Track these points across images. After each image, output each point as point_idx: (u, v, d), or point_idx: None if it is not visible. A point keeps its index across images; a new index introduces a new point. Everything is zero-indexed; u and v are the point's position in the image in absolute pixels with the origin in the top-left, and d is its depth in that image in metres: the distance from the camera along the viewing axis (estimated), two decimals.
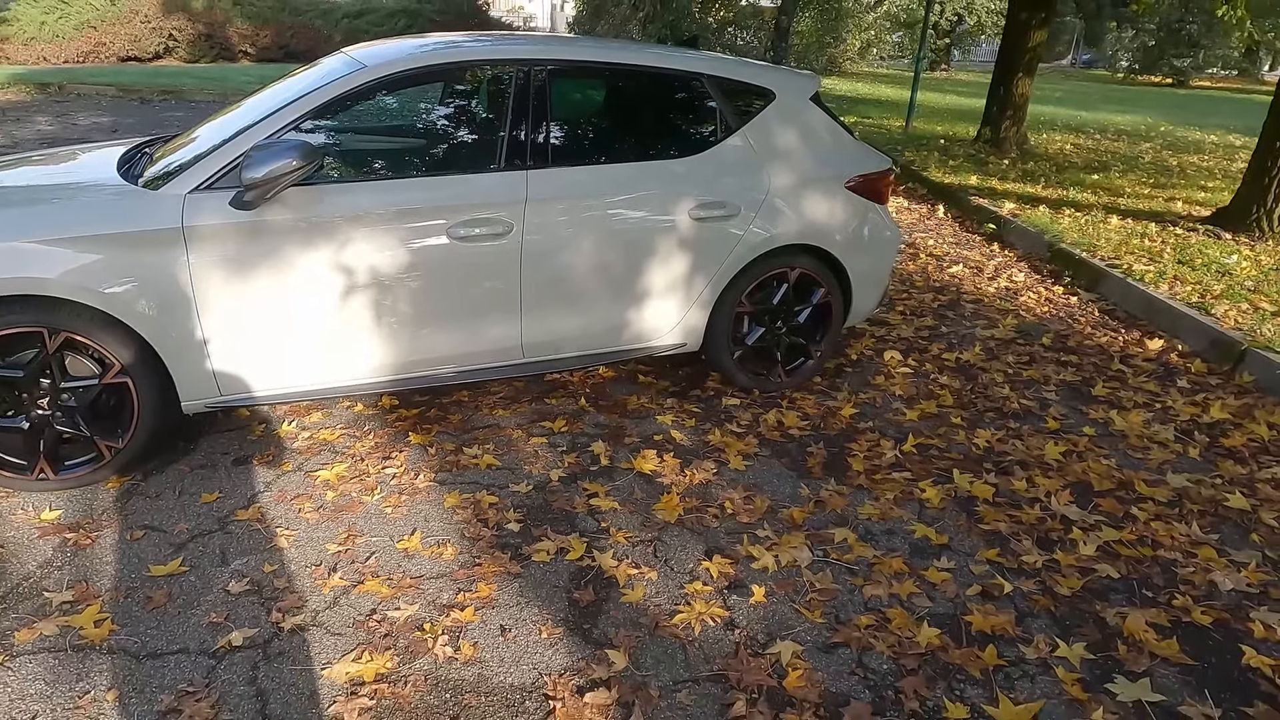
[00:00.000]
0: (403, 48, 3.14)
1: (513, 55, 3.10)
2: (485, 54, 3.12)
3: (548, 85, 3.10)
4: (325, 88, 2.84)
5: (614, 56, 3.30)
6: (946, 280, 5.48)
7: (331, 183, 2.81)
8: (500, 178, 2.99)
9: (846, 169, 3.55)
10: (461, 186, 2.96)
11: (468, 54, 3.10)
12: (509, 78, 3.05)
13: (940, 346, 4.30)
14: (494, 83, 3.15)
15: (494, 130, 3.06)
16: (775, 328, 3.60)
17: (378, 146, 2.97)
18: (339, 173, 2.83)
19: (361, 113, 2.91)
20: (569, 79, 3.22)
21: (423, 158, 3.00)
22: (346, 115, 2.87)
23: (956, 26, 29.05)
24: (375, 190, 2.86)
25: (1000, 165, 9.02)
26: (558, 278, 3.11)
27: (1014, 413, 3.58)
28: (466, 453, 3.07)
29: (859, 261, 3.62)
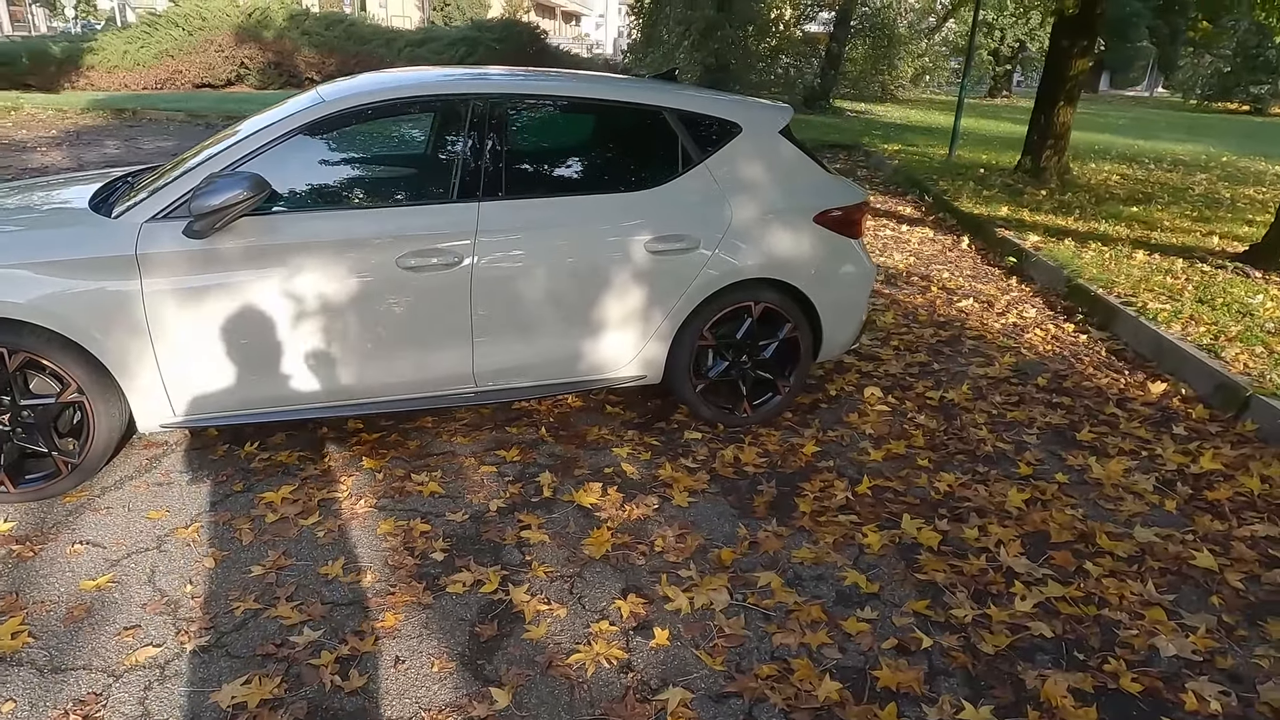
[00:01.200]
0: (363, 82, 3.24)
1: (467, 90, 3.15)
2: (440, 88, 3.19)
3: (503, 118, 3.15)
4: (281, 121, 2.95)
5: (571, 90, 3.34)
6: (952, 315, 5.33)
7: (283, 212, 2.90)
8: (451, 209, 3.04)
9: (815, 202, 3.50)
10: (411, 217, 3.02)
11: (422, 89, 3.17)
12: (464, 111, 3.11)
13: (926, 384, 4.18)
14: (449, 116, 3.22)
15: (447, 162, 3.12)
16: (740, 362, 3.56)
17: (332, 178, 3.05)
18: (292, 203, 2.92)
19: (318, 145, 3.00)
20: (524, 112, 3.27)
21: (376, 189, 3.08)
22: (302, 147, 2.96)
23: (1019, 52, 28.45)
24: (325, 220, 2.94)
25: (1036, 196, 8.77)
26: (509, 308, 3.13)
27: (986, 456, 3.45)
28: (414, 479, 3.10)
29: (828, 296, 3.56)
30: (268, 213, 2.86)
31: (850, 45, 21.79)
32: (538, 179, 3.30)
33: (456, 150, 3.10)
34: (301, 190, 2.95)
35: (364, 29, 21.98)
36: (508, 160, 3.15)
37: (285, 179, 2.91)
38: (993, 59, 27.80)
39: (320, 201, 2.98)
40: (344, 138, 3.06)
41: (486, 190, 3.08)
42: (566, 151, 3.47)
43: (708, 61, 16.82)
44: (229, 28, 19.82)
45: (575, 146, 3.49)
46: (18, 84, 17.16)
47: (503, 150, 3.13)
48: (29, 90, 16.83)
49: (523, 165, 3.24)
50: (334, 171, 3.07)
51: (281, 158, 2.92)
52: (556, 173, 3.37)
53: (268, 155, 2.89)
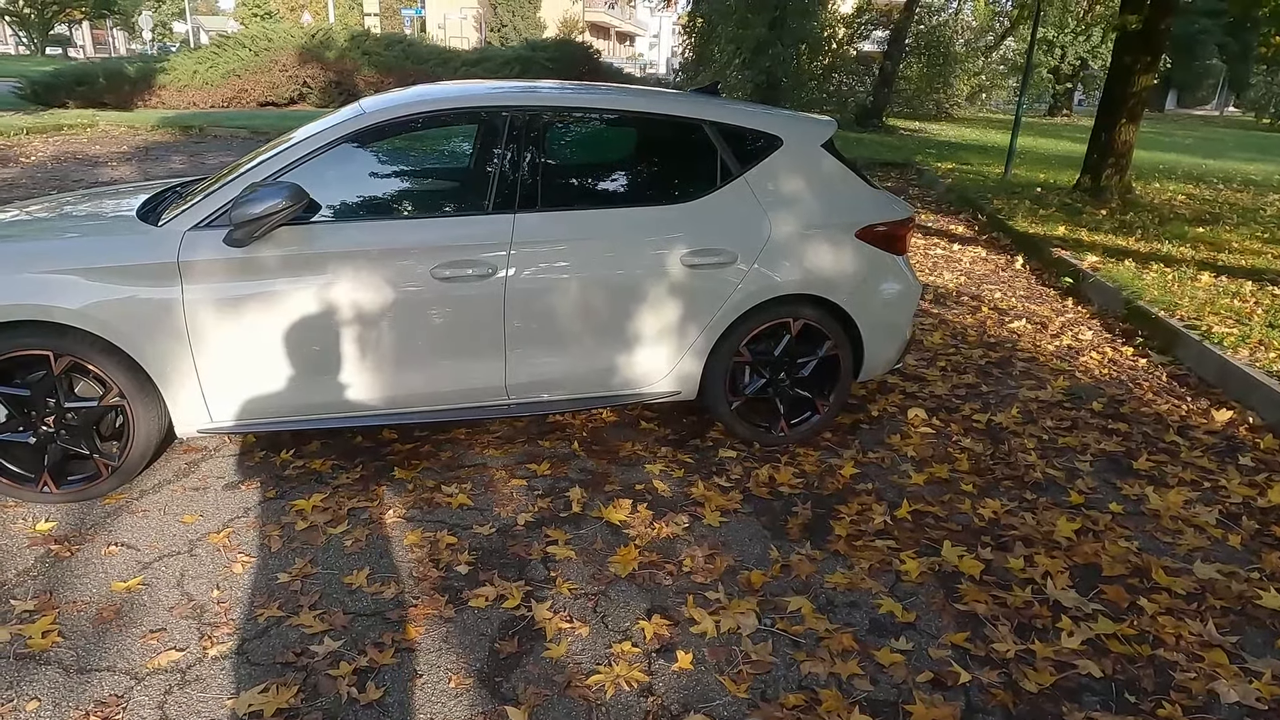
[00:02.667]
0: (404, 95, 3.27)
1: (504, 102, 3.16)
2: (477, 101, 3.20)
3: (540, 130, 3.14)
4: (323, 133, 2.98)
5: (610, 103, 3.32)
6: (1003, 336, 5.16)
7: (321, 222, 2.93)
8: (487, 220, 3.04)
9: (858, 217, 3.42)
10: (447, 228, 3.02)
11: (460, 101, 3.18)
12: (501, 123, 3.11)
13: (973, 406, 4.03)
14: (486, 128, 3.23)
15: (484, 174, 3.12)
16: (777, 379, 3.47)
17: (370, 188, 3.08)
18: (330, 213, 2.94)
19: (357, 156, 3.03)
20: (562, 124, 3.26)
21: (413, 200, 3.10)
22: (342, 158, 2.99)
23: (1080, 70, 27.80)
24: (362, 230, 2.96)
25: (1095, 216, 8.49)
26: (543, 321, 3.11)
27: (1034, 483, 3.30)
28: (444, 491, 3.09)
29: (870, 314, 3.46)
30: (306, 222, 2.89)
31: (905, 63, 21.55)
32: (574, 191, 3.28)
33: (493, 162, 3.10)
34: (340, 200, 2.98)
35: (422, 49, 22.48)
36: (544, 172, 3.14)
37: (325, 189, 2.94)
38: (1053, 77, 27.19)
39: (357, 211, 3.01)
40: (383, 149, 3.09)
41: (523, 202, 3.07)
42: (604, 164, 3.45)
43: (758, 80, 16.78)
44: (293, 48, 20.44)
45: (613, 159, 3.47)
46: (95, 102, 17.93)
47: (540, 162, 3.12)
48: (105, 108, 17.58)
49: (559, 177, 3.23)
50: (372, 182, 3.10)
51: (322, 168, 2.95)
52: (593, 185, 3.36)
53: (308, 166, 2.93)
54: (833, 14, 21.13)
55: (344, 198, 3.00)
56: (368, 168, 3.08)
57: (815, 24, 18.53)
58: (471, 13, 49.76)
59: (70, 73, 18.62)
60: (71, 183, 9.29)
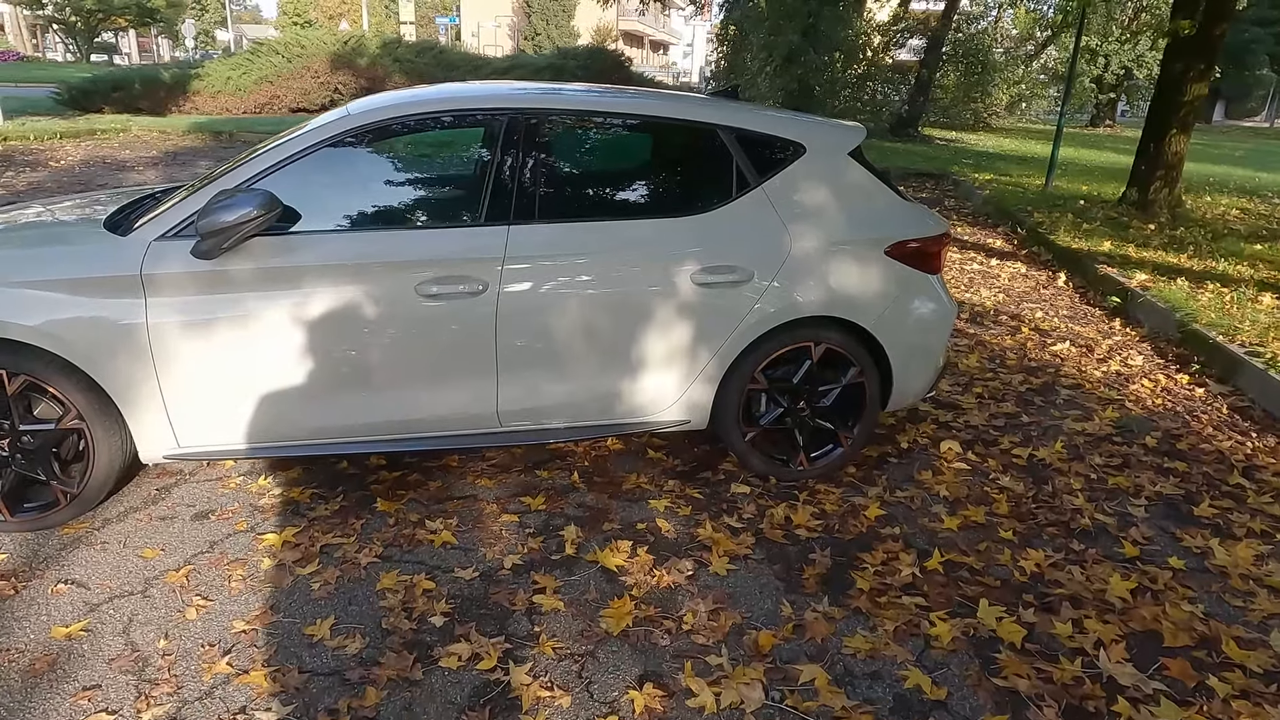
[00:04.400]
0: (393, 97, 3.04)
1: (499, 104, 2.91)
2: (469, 103, 2.95)
3: (538, 135, 2.89)
4: (301, 136, 2.76)
5: (616, 105, 3.06)
6: (1045, 360, 4.80)
7: (298, 233, 2.70)
8: (477, 232, 2.79)
9: (887, 232, 3.11)
10: (433, 241, 2.77)
11: (450, 103, 2.93)
12: (496, 127, 2.86)
13: (1013, 439, 3.69)
14: (481, 132, 2.98)
15: (477, 182, 2.87)
16: (796, 409, 3.17)
17: (351, 197, 2.84)
18: (307, 223, 2.71)
19: (338, 162, 2.79)
20: (562, 129, 3.00)
21: (397, 209, 2.85)
22: (322, 164, 2.75)
23: (1125, 80, 27.05)
24: (341, 242, 2.72)
25: (1143, 231, 8.05)
26: (538, 342, 2.85)
27: (1083, 530, 2.96)
28: (427, 526, 2.83)
29: (900, 338, 3.15)
30: (282, 233, 2.67)
31: (942, 71, 21.07)
32: (575, 202, 3.02)
33: (487, 169, 2.85)
34: (319, 210, 2.74)
35: (453, 56, 22.48)
36: (543, 181, 2.88)
37: (303, 197, 2.71)
38: (1095, 86, 26.48)
39: (337, 222, 2.77)
40: (366, 155, 2.85)
41: (518, 213, 2.82)
42: (608, 172, 3.18)
43: (790, 88, 16.45)
44: (325, 55, 20.53)
45: (618, 167, 3.20)
46: (131, 108, 18.13)
47: (537, 170, 2.87)
48: (140, 113, 17.77)
49: (559, 187, 2.97)
50: (354, 190, 2.86)
51: (300, 175, 2.72)
52: (596, 195, 3.09)
53: (285, 172, 2.70)
54: (868, 22, 20.75)
55: (323, 207, 2.76)
56: (350, 175, 2.84)
57: (850, 32, 18.15)
58: (506, 21, 50.04)
59: (107, 78, 18.85)
60: (95, 186, 9.26)
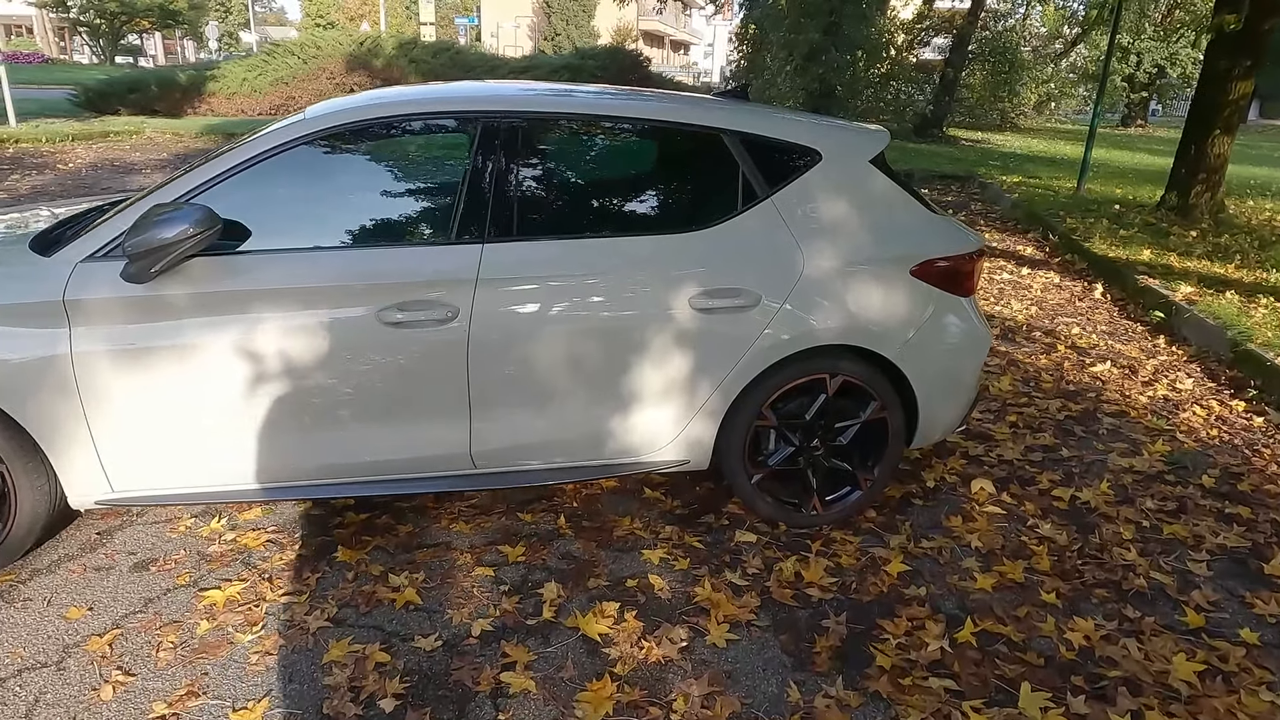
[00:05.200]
0: (358, 99, 2.73)
1: (475, 107, 2.59)
2: (441, 105, 2.64)
3: (517, 141, 2.56)
4: (249, 144, 2.45)
5: (607, 108, 2.73)
6: (1085, 383, 4.41)
7: (244, 253, 2.39)
8: (447, 252, 2.47)
9: (914, 249, 2.76)
10: (398, 261, 2.46)
11: (419, 105, 2.62)
12: (471, 132, 2.55)
13: (1052, 478, 3.32)
14: (452, 138, 2.66)
15: (447, 195, 2.54)
16: (809, 448, 2.83)
17: (305, 212, 2.52)
18: (255, 241, 2.40)
19: (292, 172, 2.48)
20: (546, 134, 2.67)
21: (357, 226, 2.53)
22: (272, 176, 2.45)
23: (1157, 79, 26.33)
24: (294, 263, 2.41)
25: (1185, 238, 7.60)
26: (517, 375, 2.53)
27: (1137, 592, 2.59)
28: (390, 581, 2.51)
29: (927, 369, 2.80)
30: (225, 253, 2.36)
31: (968, 71, 20.55)
32: (557, 216, 2.68)
33: (459, 179, 2.52)
34: (267, 226, 2.43)
35: (469, 57, 22.26)
36: (521, 192, 2.56)
37: (250, 213, 2.41)
38: (1127, 85, 25.77)
39: (288, 240, 2.45)
40: (322, 164, 2.54)
41: (493, 229, 2.50)
42: (596, 183, 2.83)
43: (811, 87, 16.04)
44: (341, 56, 20.40)
45: (607, 177, 2.85)
46: (147, 109, 18.07)
47: (515, 180, 2.55)
48: (155, 115, 17.70)
49: (540, 199, 2.64)
50: (307, 205, 2.55)
51: (247, 187, 2.42)
52: (581, 209, 2.75)
53: (231, 184, 2.40)
54: (891, 20, 20.28)
55: (273, 224, 2.45)
56: (303, 187, 2.53)
57: (873, 30, 17.70)
58: (526, 21, 49.89)
59: (124, 80, 18.81)
60: (99, 190, 9.07)
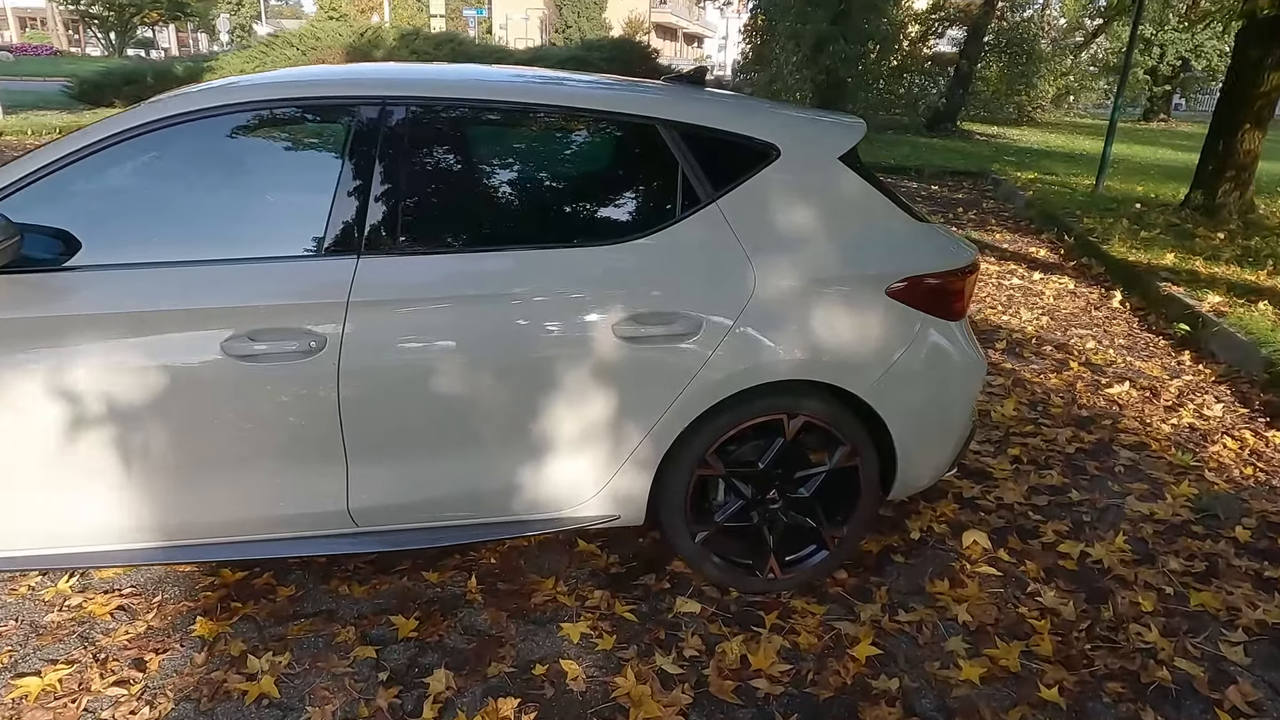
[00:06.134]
0: (218, 82, 2.28)
1: (357, 91, 2.15)
2: (318, 88, 2.18)
3: (405, 133, 2.11)
4: (75, 136, 2.01)
5: (518, 93, 2.27)
6: (1100, 407, 3.92)
7: (58, 271, 1.96)
8: (312, 268, 2.04)
9: (892, 265, 2.29)
10: (250, 280, 2.01)
11: (281, 90, 2.17)
12: (347, 123, 2.10)
13: (1059, 528, 2.84)
14: (323, 130, 2.21)
15: (316, 198, 2.08)
16: (765, 501, 2.37)
17: (136, 219, 2.08)
18: (77, 257, 1.97)
19: (127, 171, 2.04)
20: (440, 125, 2.20)
21: (204, 237, 2.07)
22: (100, 174, 2.01)
23: (1181, 71, 25.54)
24: (121, 282, 1.97)
25: (1211, 240, 7.06)
26: (402, 418, 2.09)
27: (1159, 687, 2.12)
28: (250, 665, 2.08)
29: (908, 408, 2.33)
30: (32, 270, 1.93)
31: (983, 62, 19.90)
32: (452, 224, 2.19)
33: (330, 180, 2.07)
34: (89, 237, 1.99)
35: (472, 48, 21.84)
36: (408, 195, 2.11)
37: (70, 221, 1.97)
38: (1149, 78, 25.01)
39: (116, 255, 2.00)
40: (167, 161, 2.09)
41: (372, 240, 2.05)
42: (501, 184, 2.33)
43: (818, 79, 15.49)
44: (341, 47, 20.02)
45: (516, 177, 2.35)
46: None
47: (402, 180, 2.10)
48: None
49: (431, 203, 2.18)
50: (142, 211, 2.10)
51: (69, 189, 1.99)
52: (482, 216, 2.26)
53: (47, 183, 1.96)
54: (905, 10, 19.66)
55: (99, 234, 2.01)
56: (138, 190, 2.09)
57: (884, 20, 17.12)
58: (536, 14, 49.42)
59: (119, 72, 18.49)
60: None
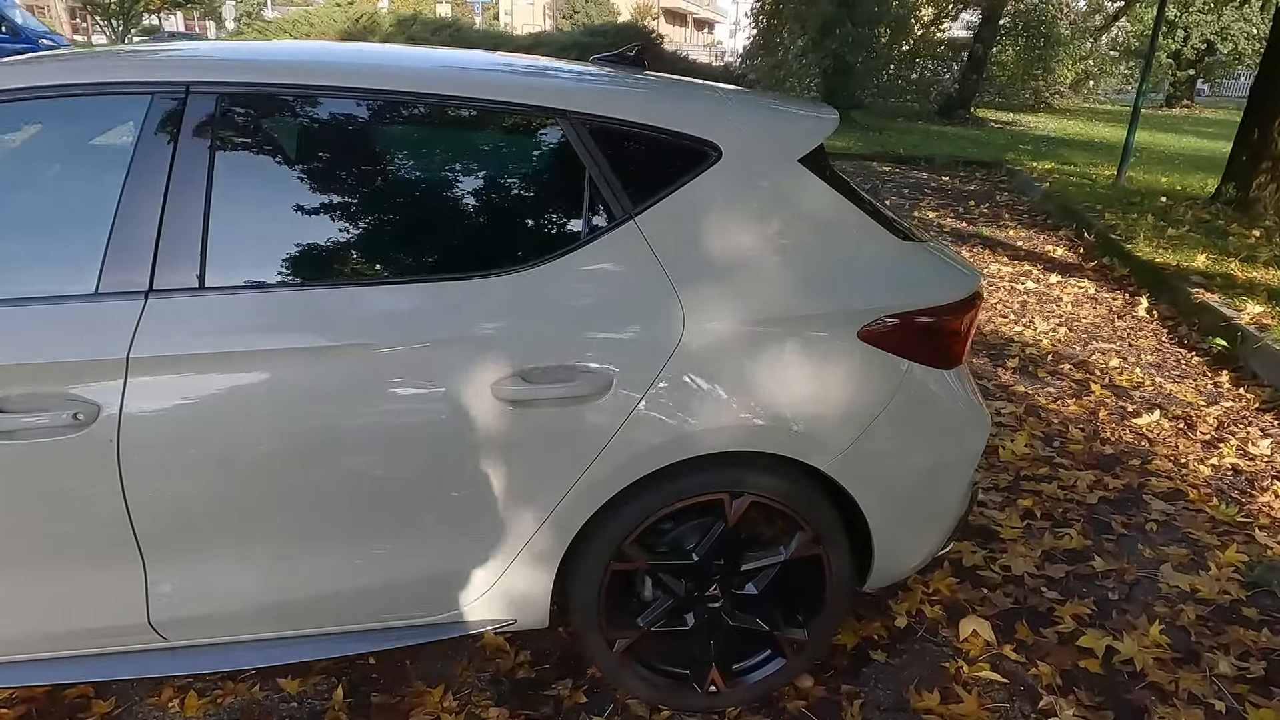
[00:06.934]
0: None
1: (145, 75, 1.63)
2: (92, 72, 1.66)
3: (215, 132, 1.60)
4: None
5: (366, 77, 1.73)
6: (1126, 442, 3.37)
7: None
8: (80, 312, 1.52)
9: (867, 299, 1.76)
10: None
11: (50, 74, 1.65)
12: (136, 118, 1.58)
13: (1079, 611, 2.32)
14: (106, 126, 1.70)
15: (90, 220, 1.57)
16: (704, 599, 1.86)
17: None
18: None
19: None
20: (263, 120, 1.68)
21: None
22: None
23: (1206, 56, 24.63)
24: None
25: (1247, 239, 6.45)
26: (211, 506, 1.58)
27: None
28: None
29: (888, 482, 1.82)
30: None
31: (999, 47, 19.14)
32: (276, 253, 1.65)
33: (111, 195, 1.56)
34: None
35: (470, 34, 21.31)
36: (218, 215, 1.59)
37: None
38: (1173, 62, 24.12)
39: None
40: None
41: (165, 274, 1.54)
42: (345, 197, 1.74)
43: (824, 64, 14.83)
44: (335, 33, 19.57)
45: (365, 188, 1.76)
46: None
47: (209, 195, 1.58)
48: None
49: (249, 226, 1.66)
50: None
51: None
52: (321, 240, 1.72)
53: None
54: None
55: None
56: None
57: (896, 2, 16.42)
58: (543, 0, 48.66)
59: None
60: None
